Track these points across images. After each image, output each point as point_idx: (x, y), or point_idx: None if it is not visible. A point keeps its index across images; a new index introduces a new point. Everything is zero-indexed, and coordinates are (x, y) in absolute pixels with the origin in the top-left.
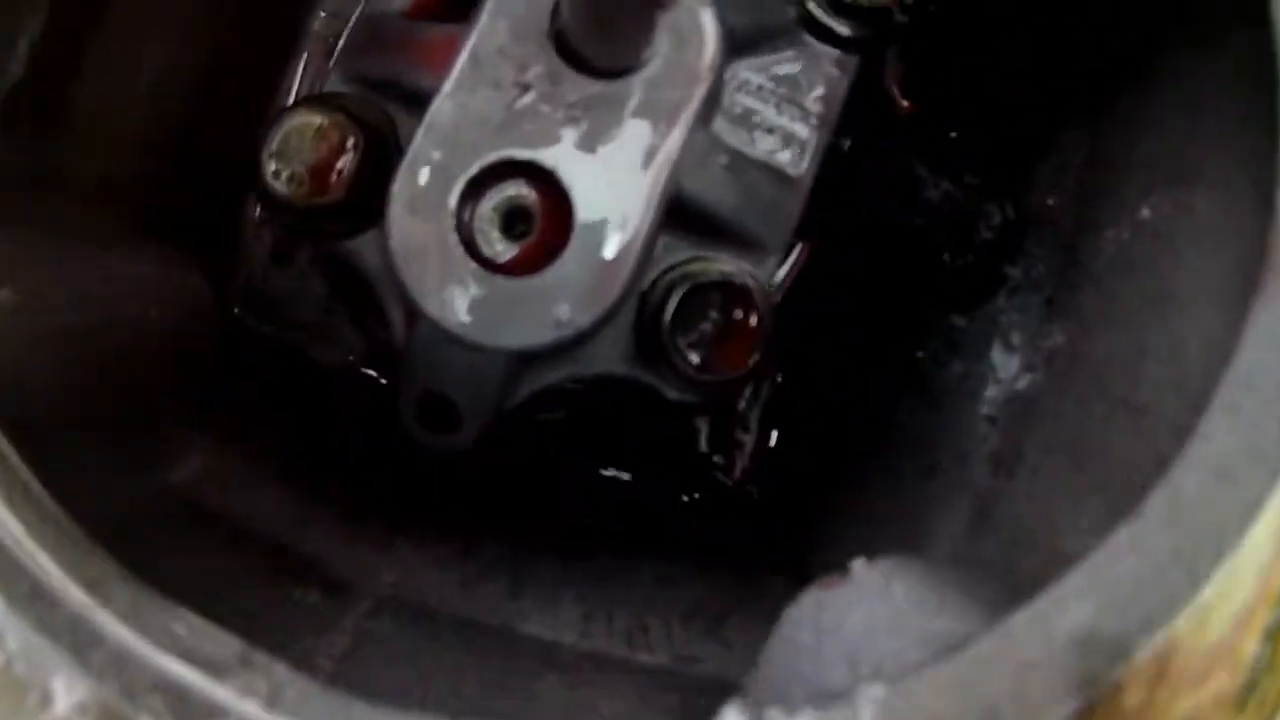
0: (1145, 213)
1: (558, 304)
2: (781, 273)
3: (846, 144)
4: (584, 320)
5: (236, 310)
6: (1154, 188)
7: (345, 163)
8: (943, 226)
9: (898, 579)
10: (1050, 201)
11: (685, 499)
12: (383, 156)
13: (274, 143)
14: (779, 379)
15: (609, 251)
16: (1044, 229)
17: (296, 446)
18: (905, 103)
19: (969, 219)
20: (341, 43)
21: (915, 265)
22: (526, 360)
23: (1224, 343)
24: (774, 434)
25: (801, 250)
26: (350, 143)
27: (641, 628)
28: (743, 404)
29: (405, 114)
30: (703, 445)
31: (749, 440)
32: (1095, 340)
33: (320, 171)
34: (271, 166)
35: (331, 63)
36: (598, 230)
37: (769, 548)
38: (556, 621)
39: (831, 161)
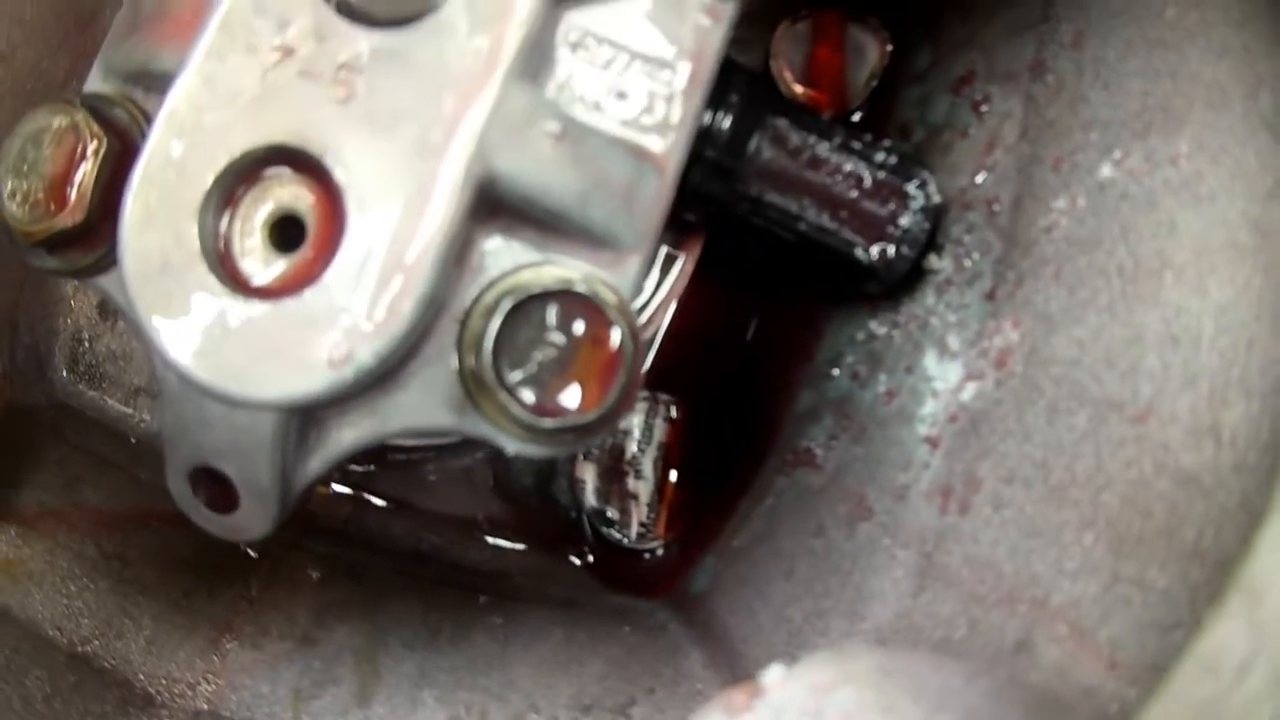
0: (1107, 172)
1: (327, 335)
2: (658, 280)
3: (726, 121)
4: (367, 356)
5: (64, 374)
6: (1116, 143)
7: (83, 173)
8: (854, 215)
9: (832, 696)
10: (979, 179)
11: (577, 561)
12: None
13: (10, 155)
14: (673, 413)
15: (392, 259)
16: (974, 212)
17: (115, 535)
18: (800, 89)
19: (885, 202)
20: (108, 36)
21: (822, 263)
22: (304, 418)
23: (1240, 311)
24: (673, 475)
25: (688, 252)
26: (90, 148)
27: None
28: (635, 447)
29: (159, 107)
30: (590, 499)
31: (645, 489)
32: (1060, 333)
33: (57, 186)
34: (8, 185)
35: (95, 59)
36: (377, 230)
37: (680, 616)
38: None
39: (706, 135)
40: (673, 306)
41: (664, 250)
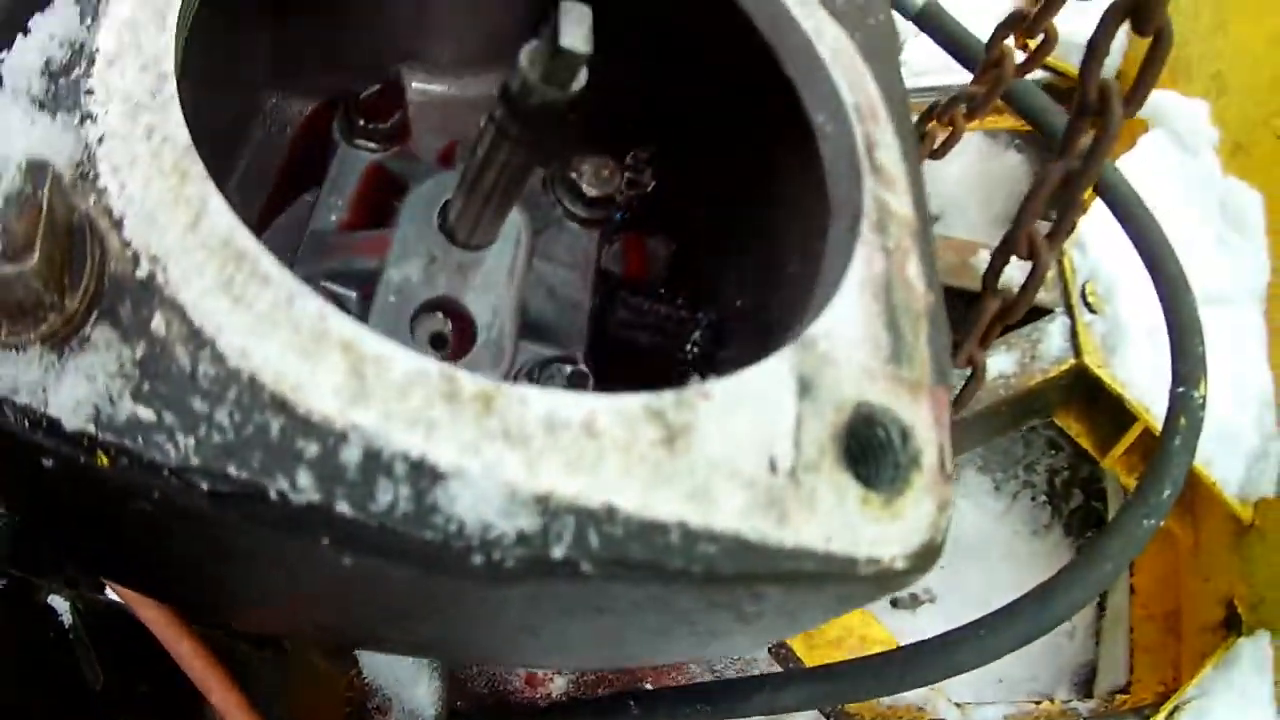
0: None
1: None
2: None
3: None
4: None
5: None
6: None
7: None
8: (667, 336)
9: None
10: (739, 303)
11: None
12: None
13: None
14: None
15: (499, 338)
16: (744, 323)
17: None
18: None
19: (684, 327)
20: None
21: (659, 368)
22: None
23: None
24: None
25: None
26: None
27: None
28: None
29: (351, 291)
30: None
31: None
32: None
33: None
34: None
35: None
36: (492, 328)
37: None
38: None
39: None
40: None
41: None
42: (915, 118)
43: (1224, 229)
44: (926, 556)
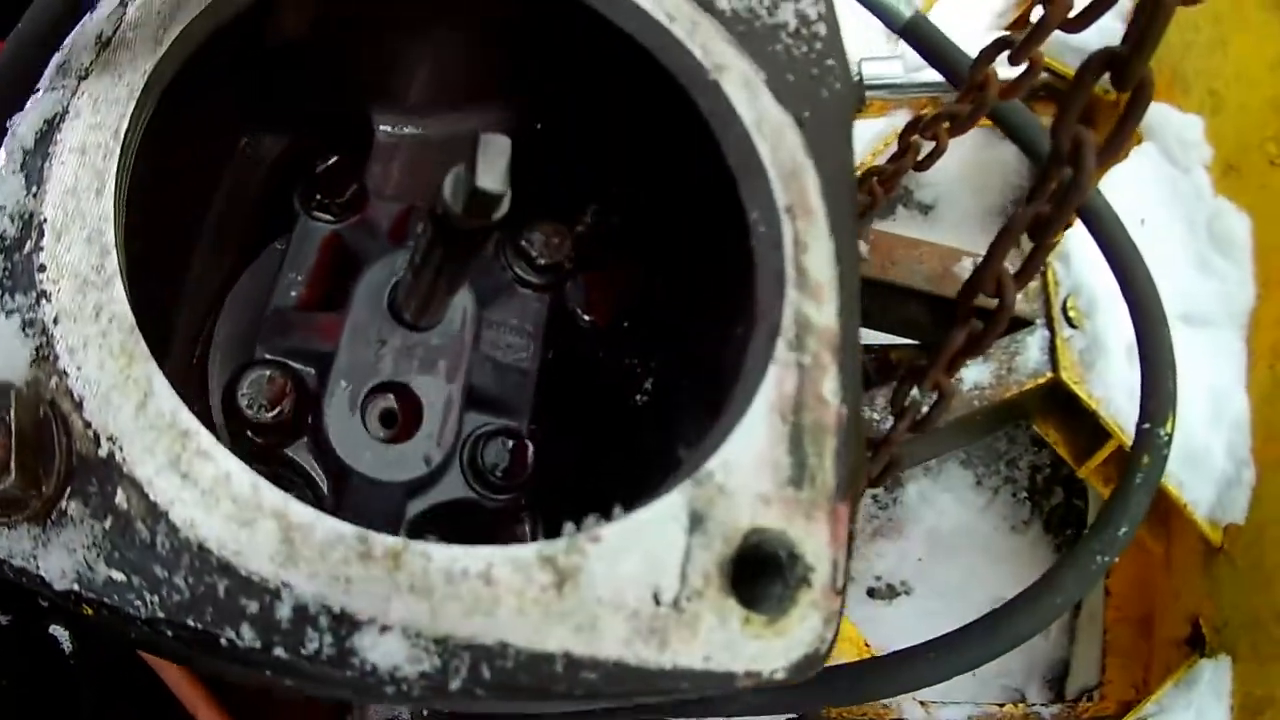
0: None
1: (425, 452)
2: None
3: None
4: (438, 458)
5: None
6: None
7: (289, 394)
8: (619, 384)
9: None
10: (692, 350)
11: None
12: (304, 394)
13: (244, 385)
14: None
15: (444, 417)
16: (695, 370)
17: None
18: (588, 318)
19: (636, 377)
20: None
21: (621, 413)
22: (409, 491)
23: None
24: None
25: None
26: (290, 384)
27: None
28: None
29: (310, 368)
30: None
31: None
32: None
33: (276, 400)
34: (245, 401)
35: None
36: (437, 408)
37: None
38: None
39: (551, 358)
40: None
41: None
42: (908, 115)
43: (1210, 249)
44: (810, 665)
